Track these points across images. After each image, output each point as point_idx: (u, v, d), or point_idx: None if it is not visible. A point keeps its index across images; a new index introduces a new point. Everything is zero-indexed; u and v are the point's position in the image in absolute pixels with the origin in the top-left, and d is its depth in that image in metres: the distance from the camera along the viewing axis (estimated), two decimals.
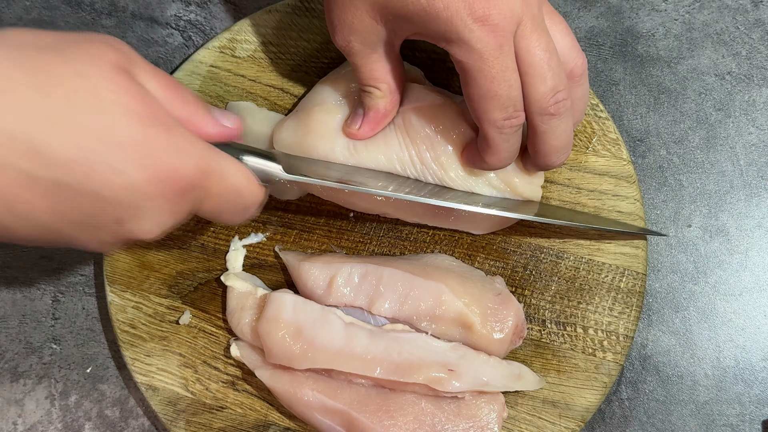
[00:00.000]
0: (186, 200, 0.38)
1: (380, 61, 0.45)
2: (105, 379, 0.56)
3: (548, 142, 0.45)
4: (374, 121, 0.48)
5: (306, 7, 0.53)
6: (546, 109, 0.42)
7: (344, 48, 0.45)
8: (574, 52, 0.44)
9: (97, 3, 0.57)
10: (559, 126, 0.44)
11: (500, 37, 0.40)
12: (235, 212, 0.42)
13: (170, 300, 0.53)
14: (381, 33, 0.43)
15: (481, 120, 0.43)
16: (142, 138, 0.35)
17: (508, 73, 0.41)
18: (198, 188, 0.38)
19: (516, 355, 0.52)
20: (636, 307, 0.52)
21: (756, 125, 0.56)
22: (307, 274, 0.51)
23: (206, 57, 0.54)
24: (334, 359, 0.48)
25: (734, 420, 0.54)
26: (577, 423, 0.51)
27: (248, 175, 0.42)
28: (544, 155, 0.46)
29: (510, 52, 0.40)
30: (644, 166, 0.56)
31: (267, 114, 0.53)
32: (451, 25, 0.39)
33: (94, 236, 0.37)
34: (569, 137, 0.45)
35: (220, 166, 0.39)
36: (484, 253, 0.53)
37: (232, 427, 0.52)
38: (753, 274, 0.55)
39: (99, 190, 0.34)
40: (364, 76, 0.46)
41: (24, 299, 0.56)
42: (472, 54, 0.40)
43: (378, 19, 0.42)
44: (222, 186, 0.40)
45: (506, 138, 0.44)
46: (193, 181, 0.37)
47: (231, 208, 0.41)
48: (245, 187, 0.41)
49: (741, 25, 0.57)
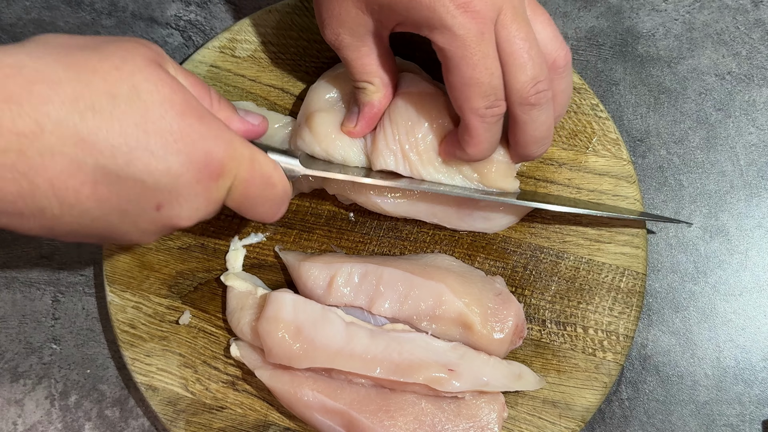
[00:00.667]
0: (219, 186, 0.40)
1: (371, 54, 0.46)
2: (105, 379, 0.56)
3: (528, 133, 0.45)
4: (370, 117, 0.48)
5: (306, 7, 0.53)
6: (526, 99, 0.43)
7: (334, 42, 0.45)
8: (556, 43, 0.44)
9: (97, 3, 0.57)
10: (540, 117, 0.44)
11: (481, 24, 0.40)
12: (267, 203, 0.43)
13: (170, 300, 0.53)
14: (368, 24, 0.44)
15: (463, 108, 0.43)
16: (178, 126, 0.37)
17: (489, 61, 0.41)
18: (229, 173, 0.40)
19: (516, 355, 0.52)
20: (636, 307, 0.52)
21: (756, 125, 0.56)
22: (307, 274, 0.51)
23: (206, 57, 0.54)
24: (334, 358, 0.48)
25: (734, 420, 0.54)
26: (577, 423, 0.51)
27: (276, 165, 0.43)
28: (524, 145, 0.46)
29: (491, 40, 0.41)
30: (644, 166, 0.56)
31: (267, 114, 0.53)
32: (434, 11, 0.40)
33: (135, 224, 0.38)
34: (549, 128, 0.45)
35: (251, 153, 0.41)
36: (484, 253, 0.53)
37: (232, 427, 0.52)
38: (753, 274, 0.55)
39: (140, 176, 0.36)
40: (356, 71, 0.47)
41: (24, 299, 0.56)
42: (454, 40, 0.40)
43: (364, 9, 0.43)
44: (253, 173, 0.41)
45: (488, 127, 0.44)
46: (225, 164, 0.39)
47: (263, 198, 0.43)
48: (275, 176, 0.43)
49: (741, 25, 0.57)
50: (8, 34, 0.57)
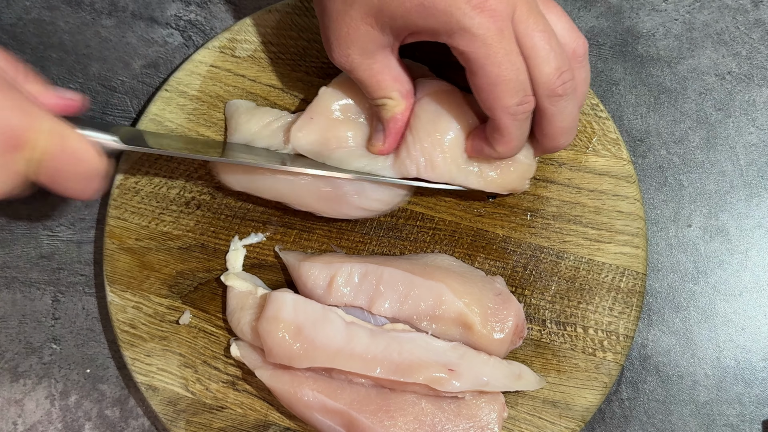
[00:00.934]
0: (19, 159, 0.39)
1: (384, 69, 0.45)
2: (105, 379, 0.56)
3: (557, 124, 0.45)
4: (396, 132, 0.48)
5: (306, 7, 0.53)
6: (554, 90, 0.42)
7: (344, 63, 0.45)
8: (573, 34, 0.44)
9: (97, 3, 0.57)
10: (567, 107, 0.44)
11: (499, 22, 0.40)
12: (77, 179, 0.42)
13: (170, 300, 0.53)
14: (378, 39, 0.43)
15: (494, 108, 0.42)
16: None
17: (513, 56, 0.41)
18: (30, 146, 0.39)
19: (516, 355, 0.52)
20: (636, 307, 0.52)
21: (756, 125, 0.56)
22: (307, 273, 0.51)
23: (206, 57, 0.54)
24: (335, 358, 0.48)
25: (734, 420, 0.54)
26: (577, 423, 0.51)
27: (86, 140, 0.42)
28: (553, 137, 0.45)
29: (511, 36, 0.41)
30: (644, 166, 0.56)
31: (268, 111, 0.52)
32: (450, 15, 0.39)
33: None
34: (576, 117, 0.45)
35: (57, 127, 0.40)
36: (484, 253, 0.53)
37: (232, 427, 0.52)
38: (753, 274, 0.55)
39: None
40: (372, 89, 0.46)
41: (24, 299, 0.56)
42: (474, 41, 0.40)
43: (374, 24, 0.42)
44: (59, 147, 0.40)
45: (519, 125, 0.43)
46: (25, 136, 0.38)
47: (72, 173, 0.42)
48: (84, 151, 0.42)
49: (741, 25, 0.57)
50: (8, 34, 0.57)
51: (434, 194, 0.53)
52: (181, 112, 0.53)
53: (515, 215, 0.53)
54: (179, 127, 0.53)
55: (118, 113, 0.57)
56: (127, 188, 0.53)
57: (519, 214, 0.53)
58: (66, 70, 0.57)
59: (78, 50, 0.57)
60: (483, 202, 0.53)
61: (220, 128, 0.53)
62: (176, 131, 0.53)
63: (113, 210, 0.53)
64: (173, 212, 0.53)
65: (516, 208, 0.53)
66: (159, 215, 0.53)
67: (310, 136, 0.49)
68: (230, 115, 0.53)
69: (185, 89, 0.53)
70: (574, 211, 0.53)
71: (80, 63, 0.57)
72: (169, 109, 0.53)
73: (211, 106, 0.53)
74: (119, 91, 0.57)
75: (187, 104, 0.53)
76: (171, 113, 0.53)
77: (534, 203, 0.53)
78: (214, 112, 0.53)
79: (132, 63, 0.57)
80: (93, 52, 0.57)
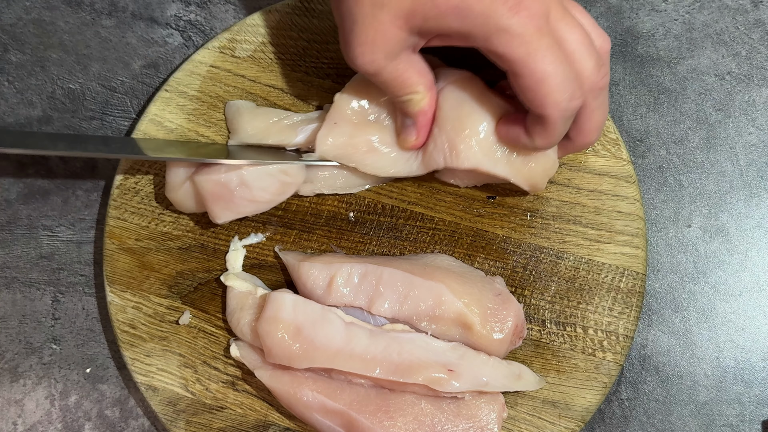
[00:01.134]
0: None
1: (408, 68, 0.44)
2: (105, 379, 0.56)
3: (595, 119, 0.45)
4: (425, 124, 0.47)
5: (306, 7, 0.53)
6: (597, 83, 0.43)
7: (369, 68, 0.43)
8: (597, 31, 0.44)
9: (97, 3, 0.57)
10: (605, 101, 0.44)
11: (537, 20, 0.40)
12: None
13: (170, 300, 0.53)
14: (405, 40, 0.42)
15: (544, 105, 0.41)
16: None
17: (556, 50, 0.40)
18: None
19: (516, 355, 0.52)
20: (636, 307, 0.52)
21: (756, 125, 0.56)
22: (307, 274, 0.51)
23: (206, 57, 0.54)
24: (334, 358, 0.48)
25: (734, 420, 0.54)
26: (577, 423, 0.51)
27: None
28: (588, 133, 0.46)
29: (550, 33, 0.40)
30: (644, 166, 0.56)
31: (270, 111, 0.52)
32: (488, 17, 0.39)
33: None
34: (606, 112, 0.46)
35: None
36: (484, 253, 0.53)
37: (232, 427, 0.52)
38: (753, 274, 0.55)
39: None
40: (397, 89, 0.45)
41: (24, 299, 0.56)
42: (514, 40, 0.40)
43: (403, 26, 0.41)
44: None
45: (565, 121, 0.43)
46: None
47: None
48: None
49: (741, 25, 0.57)
50: (8, 34, 0.57)
51: (434, 194, 0.53)
52: (181, 112, 0.53)
53: (515, 215, 0.53)
54: (179, 128, 0.53)
55: (118, 113, 0.57)
56: (127, 188, 0.53)
57: (519, 214, 0.53)
58: (66, 70, 0.57)
59: (78, 50, 0.57)
60: (483, 202, 0.53)
61: (220, 128, 0.53)
62: (176, 131, 0.53)
63: (113, 210, 0.53)
64: (173, 212, 0.53)
65: (516, 208, 0.53)
66: (159, 215, 0.53)
67: (337, 140, 0.49)
68: (231, 115, 0.53)
69: (185, 89, 0.53)
70: (573, 211, 0.53)
71: (80, 63, 0.57)
72: (169, 109, 0.53)
73: (211, 107, 0.53)
74: (119, 91, 0.57)
75: (187, 104, 0.53)
76: (171, 113, 0.53)
77: (534, 203, 0.53)
78: (214, 113, 0.53)
79: (132, 63, 0.57)
80: (93, 52, 0.57)
